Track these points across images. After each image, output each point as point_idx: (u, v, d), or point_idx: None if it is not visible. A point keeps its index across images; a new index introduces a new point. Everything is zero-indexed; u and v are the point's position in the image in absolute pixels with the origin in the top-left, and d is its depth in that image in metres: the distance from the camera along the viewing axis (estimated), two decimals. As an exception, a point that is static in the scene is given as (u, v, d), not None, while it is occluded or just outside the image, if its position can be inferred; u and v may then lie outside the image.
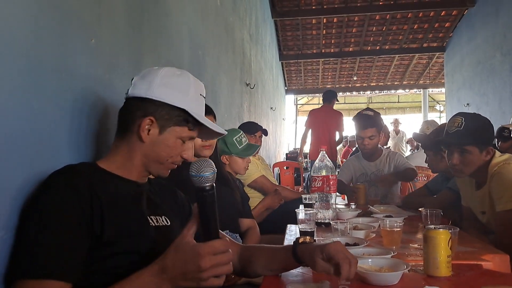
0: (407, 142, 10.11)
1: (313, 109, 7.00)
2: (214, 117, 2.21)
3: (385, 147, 5.45)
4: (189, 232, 1.04)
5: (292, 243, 1.32)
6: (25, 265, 1.01)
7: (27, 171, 1.17)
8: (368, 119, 3.38)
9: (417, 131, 4.53)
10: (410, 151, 9.39)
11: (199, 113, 1.27)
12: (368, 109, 3.53)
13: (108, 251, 1.11)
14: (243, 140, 2.77)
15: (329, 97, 6.52)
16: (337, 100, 6.73)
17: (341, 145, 8.35)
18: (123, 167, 1.27)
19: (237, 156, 2.72)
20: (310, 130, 6.54)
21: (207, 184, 1.05)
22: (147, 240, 1.20)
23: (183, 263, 1.00)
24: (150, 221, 1.25)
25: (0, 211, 1.06)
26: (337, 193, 3.30)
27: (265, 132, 4.12)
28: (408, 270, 1.37)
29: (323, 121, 6.33)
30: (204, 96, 1.35)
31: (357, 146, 3.80)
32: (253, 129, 3.83)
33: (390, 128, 10.09)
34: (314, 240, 1.33)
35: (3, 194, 1.08)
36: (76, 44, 1.43)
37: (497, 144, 4.87)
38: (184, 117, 1.25)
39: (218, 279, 1.00)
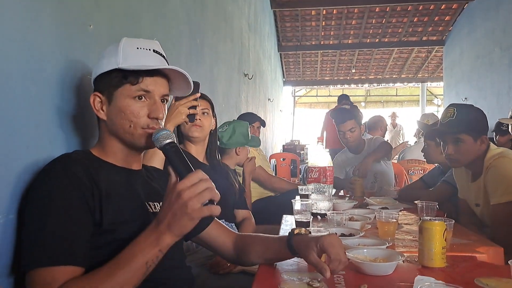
0: (414, 135, 10.09)
1: (328, 111, 8.06)
2: (211, 104, 2.21)
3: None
4: (170, 184, 1.07)
5: (287, 234, 1.33)
6: (36, 255, 1.01)
7: (25, 157, 1.17)
8: (345, 112, 3.41)
9: (417, 123, 4.54)
10: (415, 143, 9.39)
11: (135, 64, 1.20)
12: (344, 103, 3.56)
13: (108, 238, 1.12)
14: (249, 131, 2.89)
15: (341, 99, 7.47)
16: (350, 102, 7.58)
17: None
18: (111, 154, 1.26)
19: (247, 146, 2.86)
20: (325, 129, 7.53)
21: (168, 140, 1.13)
22: (146, 226, 1.20)
23: (169, 206, 1.03)
24: (148, 207, 1.25)
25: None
26: (335, 189, 3.32)
27: (263, 123, 4.12)
28: (403, 261, 1.38)
29: None
30: (150, 48, 1.26)
31: None
32: (252, 120, 3.84)
33: (388, 121, 10.09)
34: (309, 232, 1.33)
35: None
36: (74, 30, 1.42)
37: (495, 138, 4.90)
38: (122, 75, 1.20)
39: (209, 207, 1.02)
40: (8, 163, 1.11)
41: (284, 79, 13.34)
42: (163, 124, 1.26)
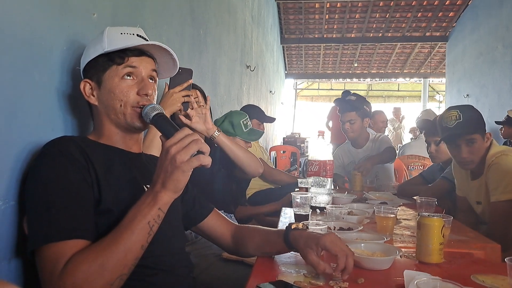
0: (409, 131, 10.12)
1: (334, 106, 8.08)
2: (202, 93, 2.19)
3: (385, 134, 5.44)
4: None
5: (285, 227, 1.33)
6: (45, 231, 1.03)
7: (27, 144, 1.18)
8: (347, 103, 3.37)
9: (416, 120, 4.55)
10: (411, 139, 9.42)
11: (118, 46, 1.24)
12: (353, 94, 3.50)
13: (107, 219, 1.13)
14: (248, 123, 2.74)
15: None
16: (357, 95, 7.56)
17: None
18: (108, 138, 1.27)
19: (240, 138, 2.71)
20: (330, 121, 7.54)
21: (156, 112, 1.19)
22: None
23: (160, 164, 1.06)
24: (145, 189, 1.25)
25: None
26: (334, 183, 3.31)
27: (270, 120, 3.97)
28: (400, 256, 1.39)
29: None
30: (134, 33, 1.29)
31: None
32: (261, 118, 3.74)
33: (391, 116, 10.12)
34: (307, 227, 1.34)
35: (0, 164, 1.09)
36: (78, 18, 1.42)
37: (501, 129, 5.05)
38: (108, 58, 1.24)
39: (198, 157, 1.04)
40: (11, 151, 1.12)
41: (286, 72, 13.30)
42: (154, 102, 1.28)
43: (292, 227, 1.31)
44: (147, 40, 1.30)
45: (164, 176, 1.05)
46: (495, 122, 5.95)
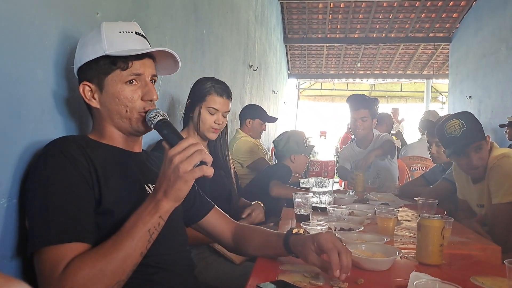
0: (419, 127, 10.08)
1: None
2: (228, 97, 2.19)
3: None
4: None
5: (286, 232, 1.34)
6: (44, 233, 1.03)
7: (30, 142, 1.18)
8: (362, 100, 3.40)
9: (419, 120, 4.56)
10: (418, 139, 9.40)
11: (122, 48, 1.22)
12: (364, 95, 3.55)
13: (108, 220, 1.13)
14: (306, 140, 3.02)
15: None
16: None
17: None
18: (109, 138, 1.28)
19: (303, 154, 2.95)
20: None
21: (160, 117, 1.19)
22: None
23: (163, 173, 1.07)
24: (147, 189, 1.26)
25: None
26: (339, 179, 3.33)
27: (271, 120, 4.07)
28: (400, 257, 1.39)
29: None
30: (132, 31, 1.27)
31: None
32: (263, 117, 3.83)
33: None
34: (308, 233, 1.34)
35: (3, 162, 1.09)
36: (82, 17, 1.43)
37: (506, 132, 5.08)
38: (110, 61, 1.22)
39: (201, 168, 1.05)
40: (14, 149, 1.13)
41: (288, 72, 13.29)
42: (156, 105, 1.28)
43: (293, 232, 1.31)
44: (144, 37, 1.30)
45: (166, 185, 1.06)
46: (499, 125, 5.96)
